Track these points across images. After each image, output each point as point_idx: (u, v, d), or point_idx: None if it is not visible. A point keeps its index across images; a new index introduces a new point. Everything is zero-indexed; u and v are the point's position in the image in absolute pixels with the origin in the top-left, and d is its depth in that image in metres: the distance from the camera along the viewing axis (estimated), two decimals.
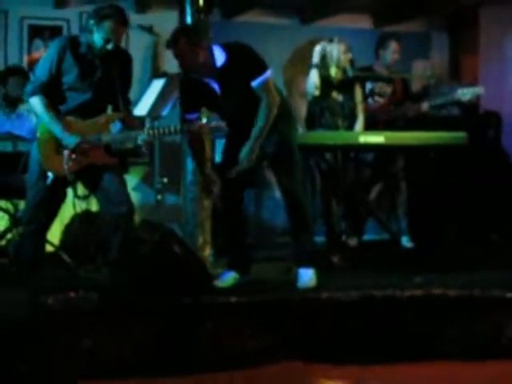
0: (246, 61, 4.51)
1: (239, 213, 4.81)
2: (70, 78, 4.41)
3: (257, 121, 4.51)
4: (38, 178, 4.45)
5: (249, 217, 4.95)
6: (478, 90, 6.21)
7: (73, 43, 4.45)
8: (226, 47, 4.55)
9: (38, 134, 4.46)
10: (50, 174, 4.39)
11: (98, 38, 4.38)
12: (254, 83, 4.50)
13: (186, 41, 4.45)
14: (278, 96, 4.59)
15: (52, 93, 4.41)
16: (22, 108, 5.92)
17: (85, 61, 4.43)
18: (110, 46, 4.39)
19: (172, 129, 4.42)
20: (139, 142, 4.40)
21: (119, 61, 4.51)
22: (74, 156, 4.39)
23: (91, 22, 4.38)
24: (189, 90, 4.68)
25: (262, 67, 4.54)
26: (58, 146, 4.41)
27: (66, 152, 4.38)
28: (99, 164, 4.46)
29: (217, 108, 4.69)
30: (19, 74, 5.97)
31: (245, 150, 4.52)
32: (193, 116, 4.62)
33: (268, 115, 4.51)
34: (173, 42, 4.48)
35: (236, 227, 4.82)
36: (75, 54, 4.42)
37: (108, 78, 4.45)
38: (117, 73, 4.46)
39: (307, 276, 4.68)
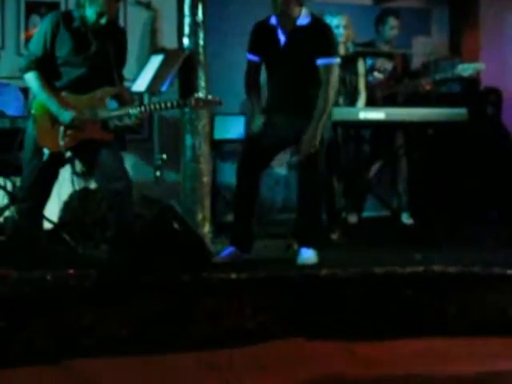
0: (323, 36, 4.65)
1: (254, 189, 4.81)
2: (63, 52, 4.37)
3: (317, 104, 4.59)
4: (33, 155, 4.41)
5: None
6: (479, 65, 6.17)
7: (66, 18, 4.41)
8: (312, 14, 4.70)
9: (33, 111, 4.42)
10: (45, 151, 4.35)
11: (91, 12, 4.33)
12: (321, 61, 4.61)
13: None
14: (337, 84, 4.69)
15: (47, 68, 4.36)
16: (3, 83, 5.88)
17: (79, 35, 4.39)
18: (103, 21, 4.34)
19: (169, 104, 4.40)
20: (132, 117, 4.37)
21: (113, 36, 4.48)
22: (69, 132, 4.36)
23: None
24: (258, 33, 4.80)
25: (334, 51, 4.68)
26: (54, 121, 4.37)
27: (61, 128, 4.35)
28: (95, 139, 4.42)
29: (271, 62, 4.78)
30: None
31: (307, 136, 4.57)
32: (253, 57, 4.80)
33: (327, 98, 4.60)
34: None
35: (247, 203, 4.82)
36: (69, 29, 4.38)
37: (102, 53, 4.41)
38: (111, 48, 4.42)
39: (308, 254, 4.68)
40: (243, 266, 4.49)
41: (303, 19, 4.66)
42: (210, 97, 4.49)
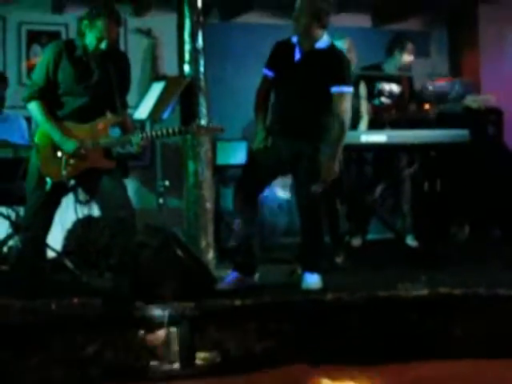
0: (339, 63, 4.68)
1: (252, 212, 4.80)
2: (66, 81, 4.36)
3: (332, 133, 4.62)
4: (37, 184, 4.39)
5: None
6: (488, 97, 6.18)
7: (68, 47, 4.41)
8: (332, 41, 4.76)
9: (36, 140, 4.42)
10: (48, 180, 4.35)
11: (91, 37, 4.34)
12: (335, 89, 4.62)
13: (311, 14, 4.63)
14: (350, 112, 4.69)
15: (49, 97, 4.37)
16: (8, 111, 5.91)
17: (81, 64, 4.40)
18: (103, 45, 4.34)
19: (171, 131, 4.41)
20: (133, 144, 4.38)
21: (116, 63, 4.47)
22: (72, 161, 4.35)
23: (85, 22, 4.34)
24: (277, 49, 4.83)
25: (348, 81, 4.69)
26: (56, 151, 4.36)
27: (64, 157, 4.34)
28: (98, 168, 4.42)
29: (282, 76, 4.77)
30: None
31: (325, 163, 4.59)
32: (267, 72, 4.81)
33: (343, 126, 4.62)
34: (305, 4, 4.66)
35: (246, 226, 4.79)
36: (71, 58, 4.38)
37: (105, 81, 4.41)
38: (114, 75, 4.42)
39: (312, 279, 4.65)
40: (247, 292, 4.48)
41: (322, 43, 4.70)
42: (211, 124, 4.49)
